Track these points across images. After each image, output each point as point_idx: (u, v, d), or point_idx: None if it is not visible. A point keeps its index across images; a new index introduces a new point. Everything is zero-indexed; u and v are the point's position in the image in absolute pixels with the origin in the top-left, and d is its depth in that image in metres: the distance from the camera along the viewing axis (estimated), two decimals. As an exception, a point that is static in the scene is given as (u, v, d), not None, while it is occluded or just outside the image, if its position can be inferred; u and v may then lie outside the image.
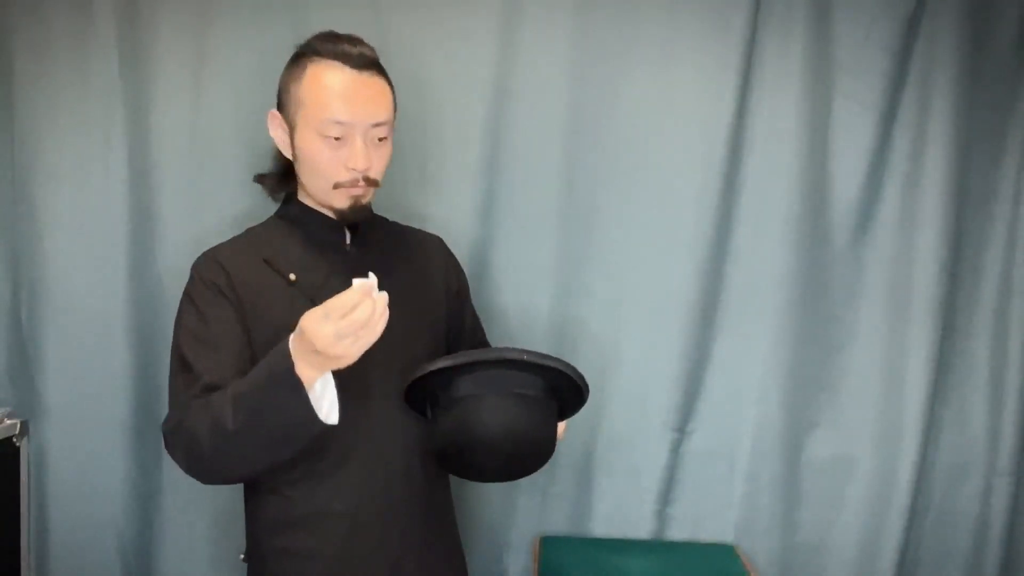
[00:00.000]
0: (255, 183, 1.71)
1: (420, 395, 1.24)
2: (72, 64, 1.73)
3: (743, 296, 1.80)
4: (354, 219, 1.25)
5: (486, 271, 1.79)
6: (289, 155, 1.27)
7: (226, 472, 1.15)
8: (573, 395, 1.25)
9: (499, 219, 1.78)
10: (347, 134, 1.18)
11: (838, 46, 1.74)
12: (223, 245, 1.28)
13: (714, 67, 1.73)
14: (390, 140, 1.25)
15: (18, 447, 1.77)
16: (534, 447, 1.21)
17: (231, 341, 1.16)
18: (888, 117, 1.75)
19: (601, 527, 1.85)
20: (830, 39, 1.74)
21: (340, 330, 0.97)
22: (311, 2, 1.73)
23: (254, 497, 1.28)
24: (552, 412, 1.23)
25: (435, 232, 1.56)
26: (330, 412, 1.06)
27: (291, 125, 1.23)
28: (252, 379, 1.07)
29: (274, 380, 1.03)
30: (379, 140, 1.22)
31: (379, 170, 1.24)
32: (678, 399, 1.81)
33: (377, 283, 1.01)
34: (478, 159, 1.75)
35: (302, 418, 1.04)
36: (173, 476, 1.82)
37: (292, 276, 1.21)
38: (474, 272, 1.77)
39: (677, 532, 1.84)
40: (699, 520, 1.84)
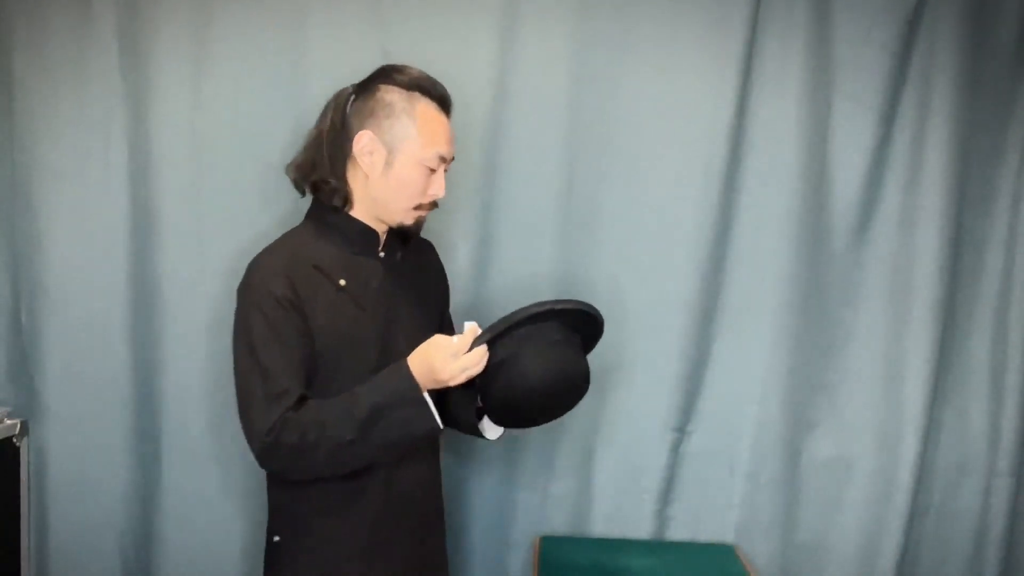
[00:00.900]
0: (253, 184, 1.72)
1: None
2: (72, 64, 1.73)
3: (743, 296, 1.80)
4: (415, 234, 1.41)
5: (486, 271, 1.79)
6: (375, 174, 1.33)
7: (334, 472, 1.30)
8: (591, 328, 1.41)
9: (499, 219, 1.78)
10: (439, 166, 1.34)
11: (838, 46, 1.74)
12: (276, 254, 1.32)
13: (714, 67, 1.73)
14: None
15: (18, 447, 1.77)
16: (574, 383, 1.36)
17: (303, 352, 1.28)
18: (888, 117, 1.75)
19: (601, 527, 1.85)
20: (830, 39, 1.74)
21: (464, 365, 1.24)
22: (311, 2, 1.73)
23: (283, 486, 1.37)
24: (579, 347, 1.38)
25: (436, 232, 1.60)
26: (439, 419, 1.27)
27: (390, 149, 1.32)
28: (371, 399, 1.24)
29: (401, 401, 1.24)
30: (445, 171, 1.38)
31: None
32: (678, 399, 1.81)
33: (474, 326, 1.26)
34: (478, 159, 1.75)
35: (427, 429, 1.26)
36: (173, 476, 1.82)
37: (342, 282, 1.32)
38: (474, 272, 1.77)
39: (677, 532, 1.84)
40: (699, 520, 1.84)
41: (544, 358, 1.30)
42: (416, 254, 1.48)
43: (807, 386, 1.82)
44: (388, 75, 1.34)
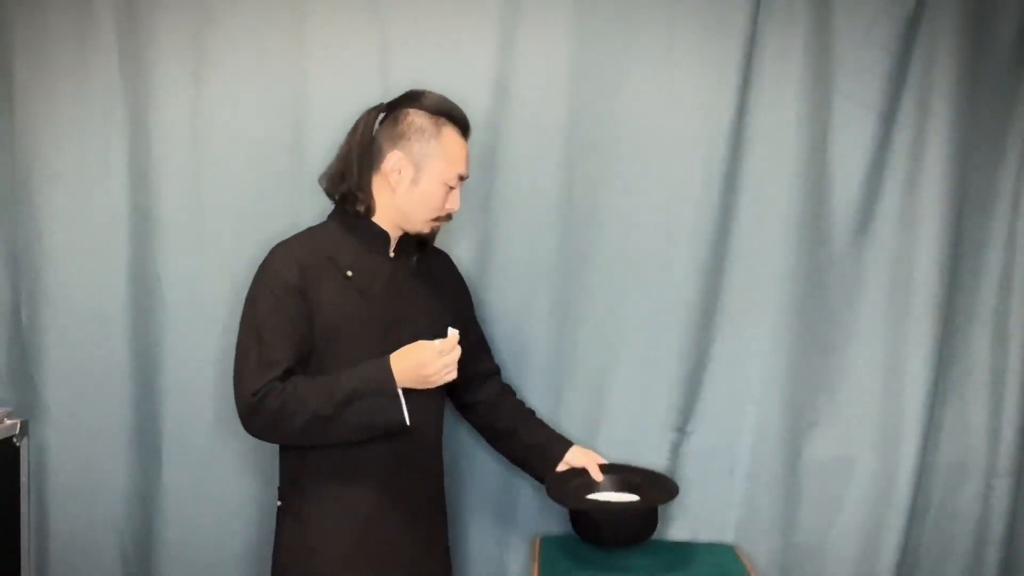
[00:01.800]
0: (253, 184, 1.73)
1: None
2: (72, 64, 1.74)
3: (743, 296, 1.80)
4: (430, 240, 1.57)
5: (486, 271, 1.79)
6: (402, 189, 1.47)
7: (305, 442, 1.44)
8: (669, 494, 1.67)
9: (499, 219, 1.78)
10: (457, 184, 1.50)
11: (838, 46, 1.74)
12: (294, 243, 1.48)
13: (714, 67, 1.73)
14: None
15: (18, 447, 1.77)
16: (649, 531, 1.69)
17: (301, 333, 1.41)
18: (888, 117, 1.75)
19: (601, 527, 1.85)
20: (830, 39, 1.74)
21: (447, 362, 1.37)
22: (311, 3, 1.73)
23: (293, 451, 1.50)
24: (655, 513, 1.68)
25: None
26: (407, 415, 1.39)
27: (417, 168, 1.46)
28: (351, 384, 1.37)
29: (376, 389, 1.37)
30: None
31: None
32: (678, 399, 1.81)
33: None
34: (478, 159, 1.74)
35: (394, 420, 1.38)
36: (173, 476, 1.82)
37: (349, 273, 1.46)
38: (474, 272, 1.77)
39: (677, 532, 1.84)
40: (699, 520, 1.84)
41: (626, 529, 1.66)
42: (431, 263, 1.61)
43: (807, 386, 1.82)
44: (415, 99, 1.49)
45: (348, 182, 1.47)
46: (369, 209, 1.49)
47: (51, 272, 1.77)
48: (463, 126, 1.51)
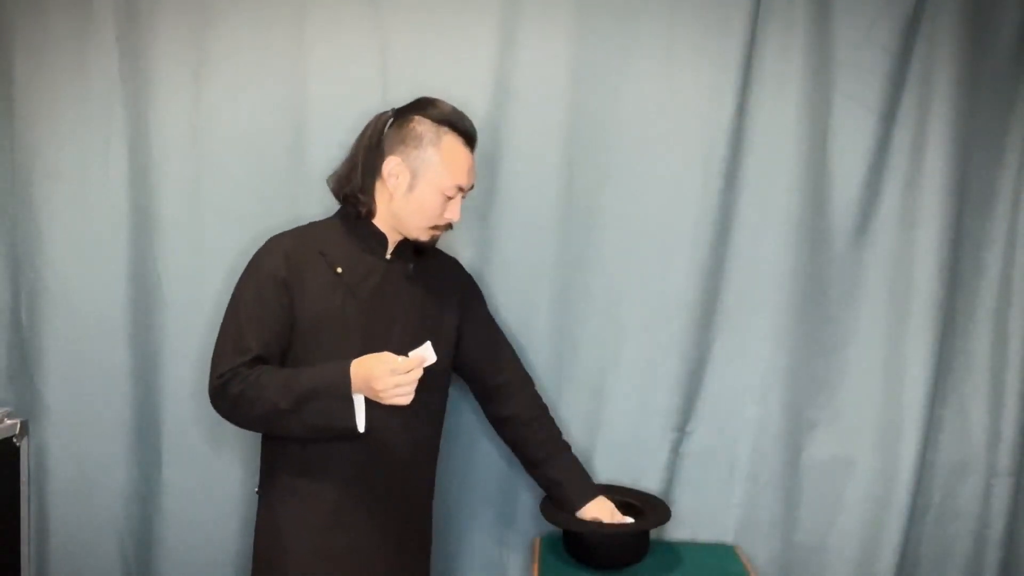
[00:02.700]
0: (253, 185, 1.73)
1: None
2: (72, 64, 1.74)
3: (743, 296, 1.80)
4: (428, 248, 1.56)
5: (486, 271, 1.79)
6: (399, 194, 1.47)
7: (267, 431, 1.49)
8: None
9: (499, 219, 1.78)
10: (456, 195, 1.49)
11: (838, 46, 1.74)
12: (288, 236, 1.50)
13: (714, 67, 1.73)
14: None
15: (18, 447, 1.77)
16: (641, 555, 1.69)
17: (280, 323, 1.43)
18: (888, 117, 1.75)
19: (601, 527, 1.85)
20: (830, 39, 1.74)
21: (398, 382, 1.30)
22: (311, 3, 1.73)
23: (272, 439, 1.51)
24: (647, 536, 1.69)
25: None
26: (360, 422, 1.37)
27: (413, 174, 1.46)
28: (310, 382, 1.37)
29: (332, 391, 1.36)
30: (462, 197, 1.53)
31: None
32: (678, 399, 1.81)
33: (432, 353, 1.35)
34: (478, 159, 1.74)
35: (345, 424, 1.36)
36: (173, 476, 1.82)
37: (339, 269, 1.47)
38: (474, 272, 1.77)
39: (677, 532, 1.84)
40: (699, 520, 1.84)
41: (620, 551, 1.66)
42: (435, 268, 1.60)
43: (807, 386, 1.82)
44: (423, 107, 1.48)
45: (352, 184, 1.48)
46: (370, 212, 1.49)
47: (51, 272, 1.77)
48: (468, 137, 1.50)
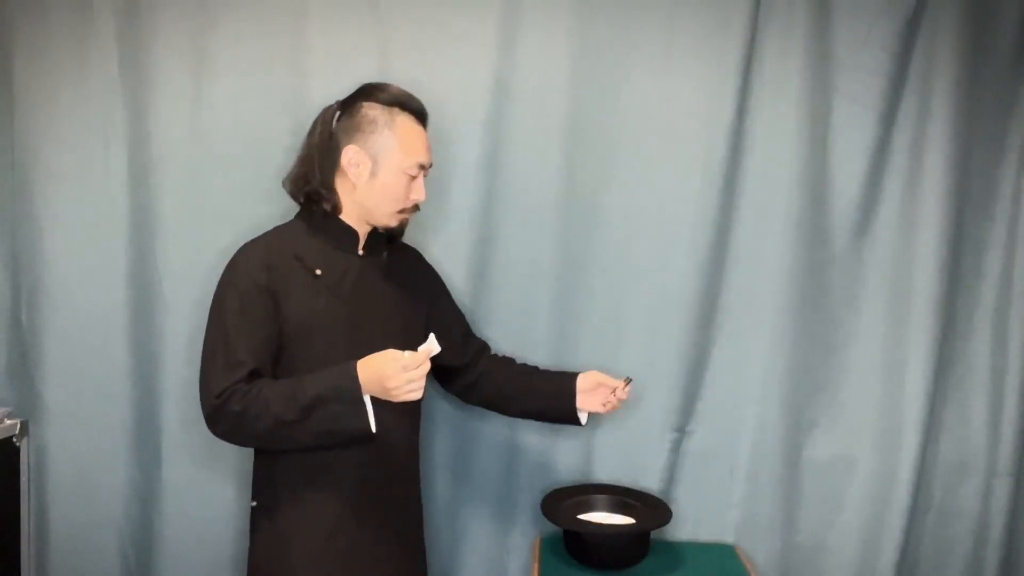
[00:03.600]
0: (253, 185, 1.73)
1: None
2: (72, 64, 1.74)
3: (743, 296, 1.80)
4: (399, 234, 1.55)
5: (486, 271, 1.79)
6: (361, 183, 1.45)
7: (270, 447, 1.43)
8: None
9: (499, 219, 1.78)
10: (419, 173, 1.46)
11: (838, 46, 1.74)
12: (261, 243, 1.47)
13: (714, 67, 1.73)
14: None
15: (18, 447, 1.77)
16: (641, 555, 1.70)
17: (268, 332, 1.40)
18: (888, 117, 1.75)
19: (601, 527, 1.85)
20: (830, 39, 1.74)
21: (411, 378, 1.28)
22: (311, 4, 1.73)
23: (267, 453, 1.47)
24: (647, 536, 1.69)
25: (436, 231, 1.72)
26: (372, 424, 1.34)
27: (374, 160, 1.44)
28: (316, 389, 1.33)
29: (341, 396, 1.32)
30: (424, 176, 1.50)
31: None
32: (678, 399, 1.81)
33: (437, 344, 1.32)
34: (478, 159, 1.75)
35: (359, 428, 1.33)
36: (173, 476, 1.82)
37: (318, 271, 1.45)
38: (474, 272, 1.77)
39: (677, 532, 1.84)
40: (699, 520, 1.84)
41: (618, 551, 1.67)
42: (402, 259, 1.59)
43: (807, 386, 1.82)
44: (370, 93, 1.46)
45: (312, 182, 1.46)
46: (336, 207, 1.47)
47: (51, 272, 1.77)
48: (419, 114, 1.48)
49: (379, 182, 1.44)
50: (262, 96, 1.75)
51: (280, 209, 1.71)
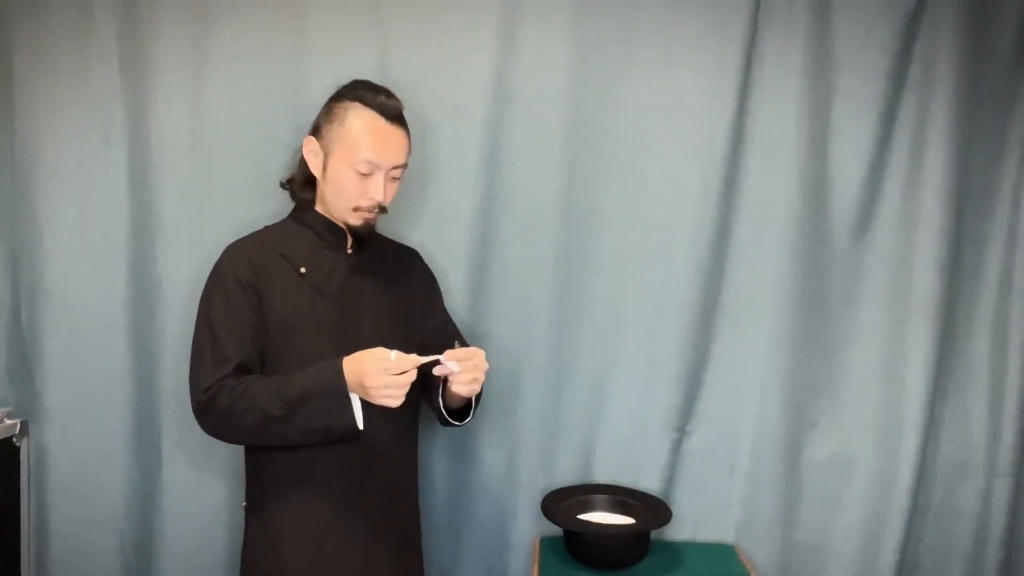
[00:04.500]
0: (253, 185, 1.73)
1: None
2: (72, 64, 1.73)
3: (743, 296, 1.80)
4: (362, 235, 1.50)
5: (486, 271, 1.79)
6: (319, 175, 1.47)
7: (258, 443, 1.43)
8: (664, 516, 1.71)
9: (499, 219, 1.78)
10: (373, 171, 1.42)
11: (838, 46, 1.74)
12: (247, 241, 1.48)
13: (714, 67, 1.73)
14: (402, 178, 1.49)
15: (18, 447, 1.77)
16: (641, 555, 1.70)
17: (253, 328, 1.41)
18: (888, 117, 1.75)
19: (601, 527, 1.85)
20: (830, 39, 1.74)
21: (389, 383, 1.27)
22: (311, 3, 1.73)
23: (258, 452, 1.47)
24: (647, 536, 1.69)
25: (435, 231, 1.72)
26: (359, 420, 1.34)
27: (326, 152, 1.45)
28: (303, 384, 1.33)
29: (327, 392, 1.32)
30: (394, 178, 1.47)
31: (390, 201, 1.48)
32: (678, 399, 1.81)
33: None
34: (478, 159, 1.75)
35: (345, 424, 1.32)
36: (173, 476, 1.82)
37: (302, 269, 1.45)
38: (474, 272, 1.77)
39: (677, 532, 1.84)
40: (699, 520, 1.84)
41: (616, 551, 1.67)
42: (399, 260, 1.60)
43: (807, 386, 1.82)
44: (344, 88, 1.47)
45: (298, 179, 1.50)
46: (309, 201, 1.49)
47: (51, 272, 1.77)
48: (382, 110, 1.42)
49: (329, 175, 1.45)
50: (262, 96, 1.75)
51: (280, 209, 1.71)
